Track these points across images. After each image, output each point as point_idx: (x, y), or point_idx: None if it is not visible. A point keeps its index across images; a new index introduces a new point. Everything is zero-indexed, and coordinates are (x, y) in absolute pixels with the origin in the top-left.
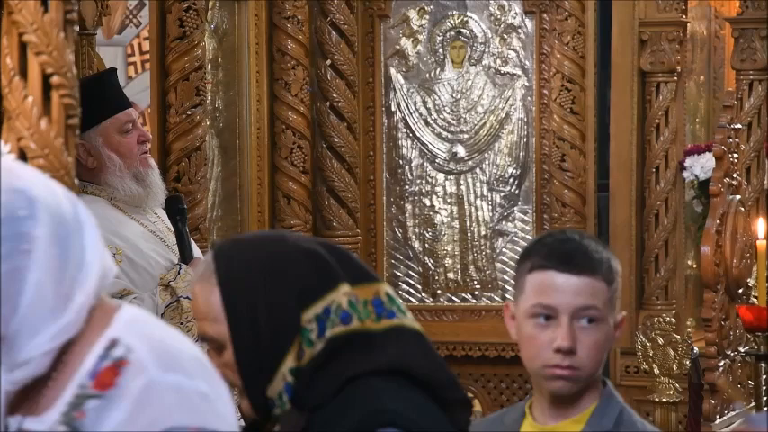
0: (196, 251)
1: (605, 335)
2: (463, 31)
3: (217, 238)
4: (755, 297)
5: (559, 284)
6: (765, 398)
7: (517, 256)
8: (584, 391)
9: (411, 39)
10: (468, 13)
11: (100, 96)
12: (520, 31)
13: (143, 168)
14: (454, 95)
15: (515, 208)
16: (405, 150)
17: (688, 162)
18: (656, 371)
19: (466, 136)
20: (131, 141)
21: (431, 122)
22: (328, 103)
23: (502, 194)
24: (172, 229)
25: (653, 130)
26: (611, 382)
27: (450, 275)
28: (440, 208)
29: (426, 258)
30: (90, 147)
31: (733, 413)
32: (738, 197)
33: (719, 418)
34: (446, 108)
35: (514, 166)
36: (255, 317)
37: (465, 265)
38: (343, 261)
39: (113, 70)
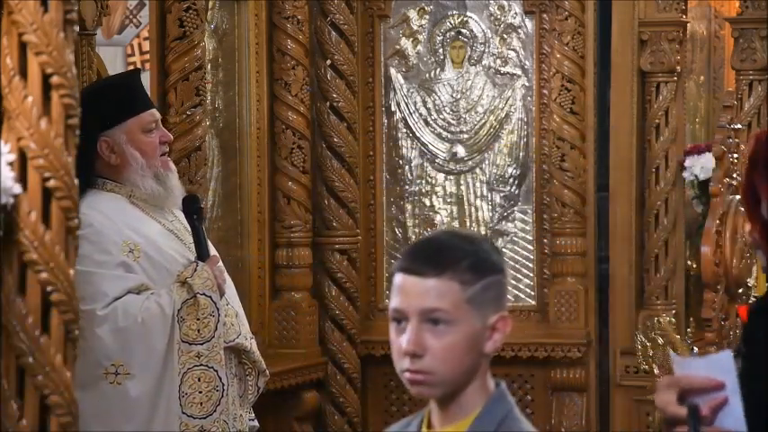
0: (212, 249)
1: (463, 337)
2: (463, 31)
3: (217, 237)
4: (755, 297)
5: (405, 287)
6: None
7: (517, 257)
8: (470, 394)
9: (411, 39)
10: (468, 13)
11: (126, 95)
12: (520, 31)
13: (163, 170)
14: (454, 95)
15: (515, 208)
16: (405, 150)
17: (688, 162)
18: (656, 371)
19: (466, 136)
20: (154, 141)
21: (431, 122)
22: (328, 103)
23: (502, 194)
24: (189, 228)
25: (653, 130)
26: (505, 384)
27: None
28: (440, 208)
29: None
30: (113, 144)
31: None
32: (738, 197)
33: None
34: (446, 108)
35: (514, 166)
36: None
37: None
38: None
39: (139, 71)
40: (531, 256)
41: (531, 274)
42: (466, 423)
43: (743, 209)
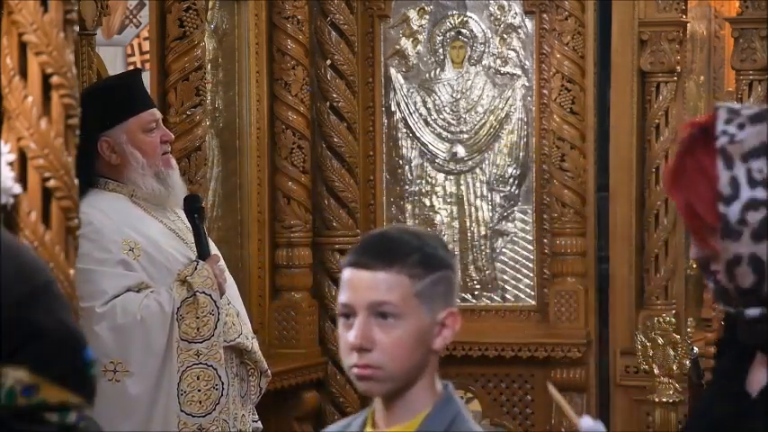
0: (213, 248)
1: (412, 332)
2: (463, 31)
3: (217, 237)
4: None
5: (353, 281)
6: None
7: (517, 257)
8: (417, 392)
9: (411, 39)
10: (468, 13)
11: (126, 95)
12: (520, 31)
13: (164, 168)
14: (454, 95)
15: (515, 208)
16: (405, 150)
17: None
18: (656, 371)
19: (466, 136)
20: (155, 140)
21: (431, 122)
22: (328, 103)
23: (502, 194)
24: (190, 227)
25: (653, 130)
26: (452, 385)
27: None
28: (440, 208)
29: None
30: (114, 143)
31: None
32: None
33: None
34: (446, 108)
35: (514, 166)
36: None
37: (465, 265)
38: None
39: (139, 71)
40: (531, 256)
41: (531, 274)
42: (414, 423)
43: None
